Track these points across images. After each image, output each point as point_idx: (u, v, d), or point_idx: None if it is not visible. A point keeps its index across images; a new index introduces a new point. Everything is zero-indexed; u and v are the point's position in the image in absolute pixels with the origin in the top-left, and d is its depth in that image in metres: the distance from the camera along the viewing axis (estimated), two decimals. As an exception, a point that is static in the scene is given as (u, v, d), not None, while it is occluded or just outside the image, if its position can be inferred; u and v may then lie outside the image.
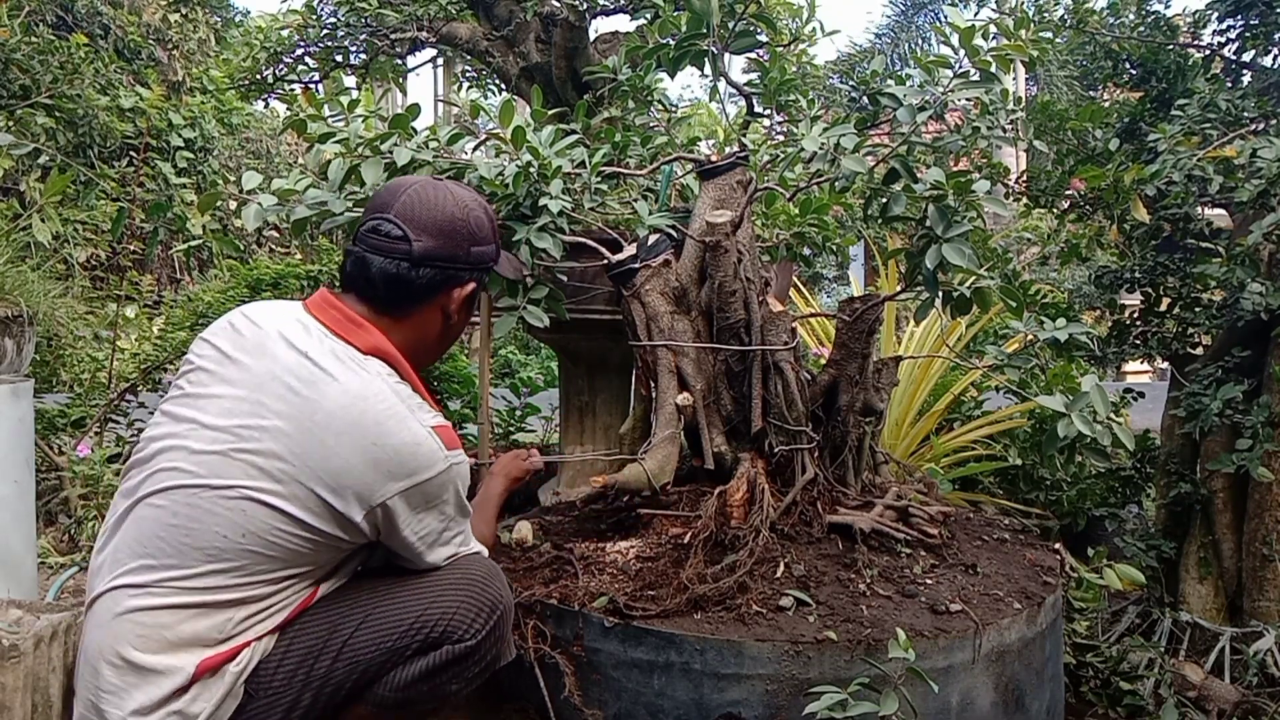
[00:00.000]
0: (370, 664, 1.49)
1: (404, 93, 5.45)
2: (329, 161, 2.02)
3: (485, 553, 1.69)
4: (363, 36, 3.96)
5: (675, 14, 2.34)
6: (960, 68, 1.98)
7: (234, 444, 1.43)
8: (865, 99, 2.09)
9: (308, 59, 4.21)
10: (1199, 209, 2.65)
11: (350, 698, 1.51)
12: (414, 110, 2.16)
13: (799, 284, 4.78)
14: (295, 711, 1.47)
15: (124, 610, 1.42)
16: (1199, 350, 2.74)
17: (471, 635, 1.52)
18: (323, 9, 4.10)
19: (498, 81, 4.37)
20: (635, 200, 2.27)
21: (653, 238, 2.12)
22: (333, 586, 1.56)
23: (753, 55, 2.95)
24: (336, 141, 2.02)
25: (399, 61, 4.21)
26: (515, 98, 3.72)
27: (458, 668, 1.53)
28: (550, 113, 2.73)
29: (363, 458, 1.42)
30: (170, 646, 1.41)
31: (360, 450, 1.42)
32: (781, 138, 2.71)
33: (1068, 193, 2.96)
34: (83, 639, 1.48)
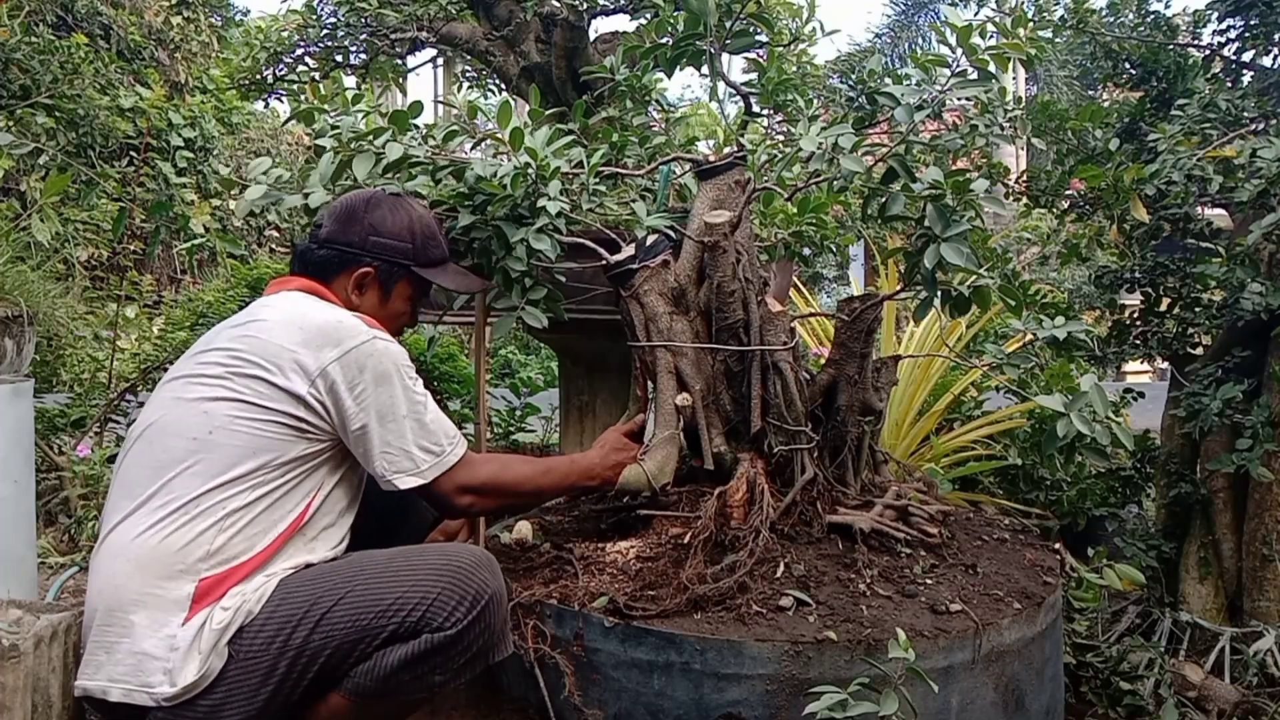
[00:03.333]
0: (344, 639, 1.51)
1: (404, 93, 5.44)
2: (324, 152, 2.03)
3: (504, 469, 1.79)
4: (363, 36, 3.96)
5: (674, 14, 2.33)
6: (958, 67, 1.98)
7: (189, 378, 1.64)
8: (863, 98, 2.09)
9: (308, 59, 4.21)
10: (1199, 209, 2.65)
11: (326, 679, 1.53)
12: (416, 108, 2.16)
13: (799, 284, 4.77)
14: (272, 678, 1.50)
15: (117, 548, 1.52)
16: (1199, 350, 2.74)
17: (452, 624, 1.52)
18: (323, 9, 4.10)
19: (498, 81, 4.37)
20: (633, 200, 2.27)
21: (651, 238, 2.12)
22: (319, 514, 1.64)
23: (752, 55, 2.95)
24: (330, 135, 2.02)
25: (399, 61, 4.21)
26: (515, 98, 3.72)
27: (440, 658, 1.53)
28: (549, 112, 2.73)
29: (294, 339, 1.62)
30: (163, 574, 1.49)
31: (290, 335, 1.62)
32: (780, 138, 2.71)
33: (1068, 193, 2.96)
34: (87, 595, 1.57)
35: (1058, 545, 2.27)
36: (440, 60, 5.55)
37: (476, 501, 1.75)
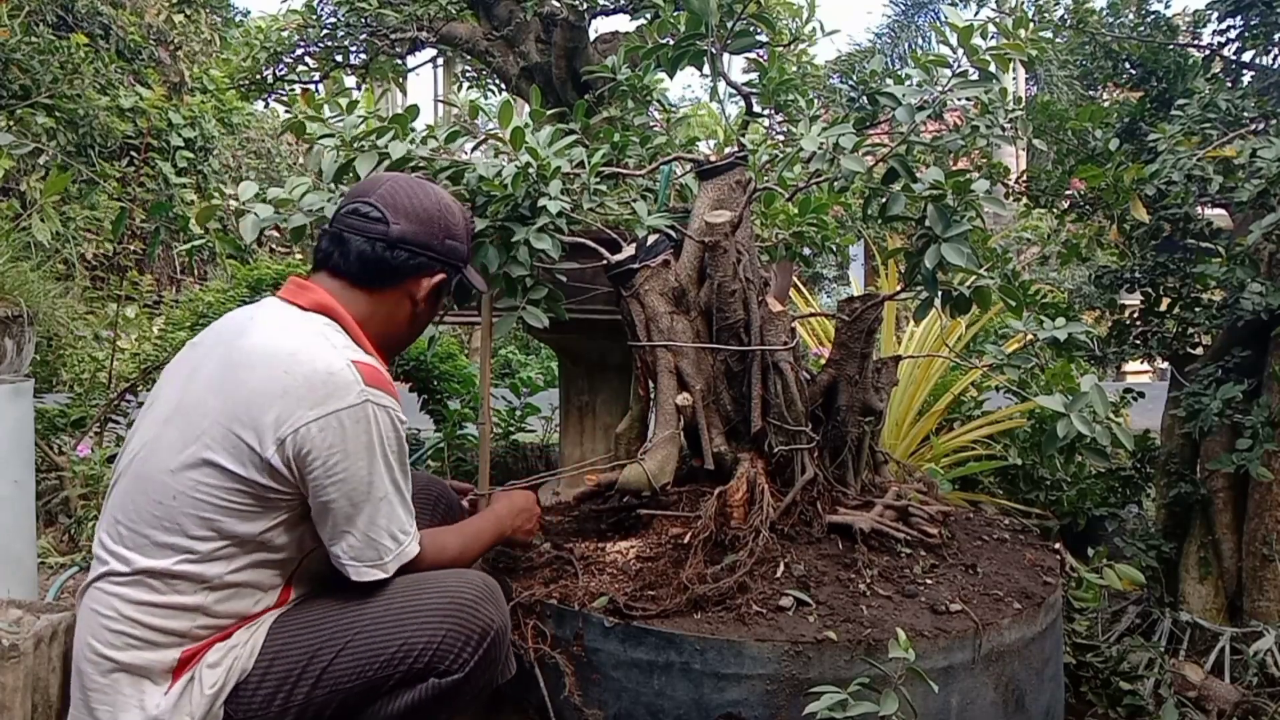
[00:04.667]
0: (351, 693, 1.45)
1: (404, 93, 5.45)
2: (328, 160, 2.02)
3: (441, 552, 1.60)
4: (363, 36, 3.96)
5: (675, 14, 2.33)
6: (959, 67, 1.98)
7: (174, 409, 1.48)
8: (864, 98, 2.09)
9: (308, 59, 4.21)
10: (1199, 209, 2.65)
11: None
12: (413, 111, 2.16)
13: (799, 284, 4.78)
14: None
15: (101, 604, 1.44)
16: (1199, 350, 2.74)
17: (459, 667, 1.47)
18: (323, 9, 4.10)
19: (498, 81, 4.37)
20: (634, 200, 2.27)
21: (652, 238, 2.12)
22: (307, 584, 1.53)
23: (752, 55, 2.95)
24: (331, 135, 2.02)
25: (399, 61, 4.21)
26: (515, 98, 3.72)
27: (447, 701, 1.48)
28: (550, 113, 2.73)
29: (274, 386, 1.41)
30: (145, 644, 1.41)
31: (272, 379, 1.42)
32: (781, 138, 2.71)
33: (1068, 193, 2.96)
34: (75, 635, 1.50)
35: (1058, 545, 2.27)
36: (440, 60, 5.56)
37: None
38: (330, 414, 1.41)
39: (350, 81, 4.36)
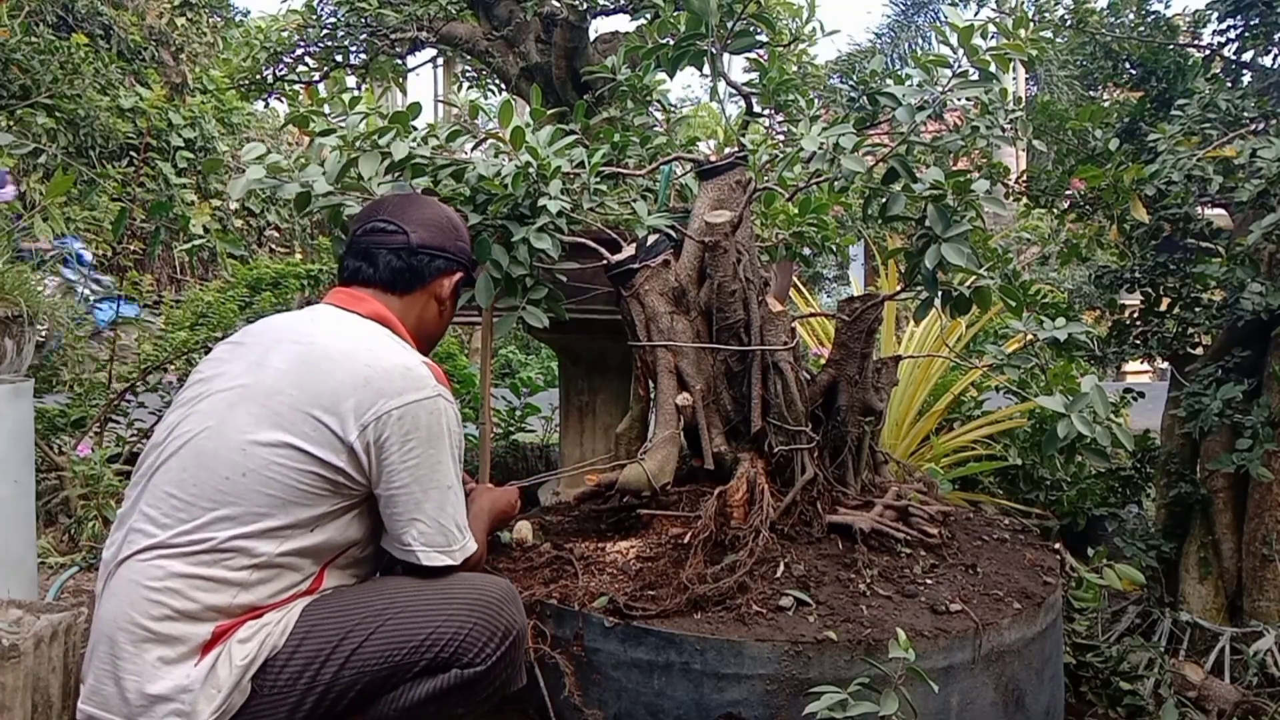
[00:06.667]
0: (376, 675, 1.49)
1: (404, 93, 5.45)
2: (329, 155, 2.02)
3: (476, 537, 1.68)
4: (363, 36, 3.97)
5: (675, 14, 2.33)
6: (959, 67, 1.98)
7: (240, 394, 1.53)
8: (864, 98, 2.09)
9: (308, 59, 4.21)
10: (1199, 209, 2.65)
11: (352, 708, 1.51)
12: (415, 109, 2.16)
13: (799, 284, 4.77)
14: (297, 714, 1.48)
15: (139, 576, 1.46)
16: (1199, 350, 2.74)
17: (482, 660, 1.52)
18: (323, 9, 4.10)
19: (498, 81, 4.38)
20: (634, 200, 2.27)
21: (652, 238, 2.12)
22: (339, 577, 1.58)
23: (753, 55, 2.95)
24: (333, 132, 2.02)
25: (399, 61, 4.21)
26: (515, 98, 3.72)
27: (467, 693, 1.53)
28: (550, 113, 2.73)
29: (356, 378, 1.52)
30: (183, 616, 1.44)
31: (353, 372, 1.52)
32: (781, 138, 2.71)
33: (1068, 193, 2.96)
34: (98, 611, 1.51)
35: (1058, 545, 2.27)
36: (440, 60, 5.56)
37: None
38: (410, 403, 1.52)
39: (350, 81, 4.36)
